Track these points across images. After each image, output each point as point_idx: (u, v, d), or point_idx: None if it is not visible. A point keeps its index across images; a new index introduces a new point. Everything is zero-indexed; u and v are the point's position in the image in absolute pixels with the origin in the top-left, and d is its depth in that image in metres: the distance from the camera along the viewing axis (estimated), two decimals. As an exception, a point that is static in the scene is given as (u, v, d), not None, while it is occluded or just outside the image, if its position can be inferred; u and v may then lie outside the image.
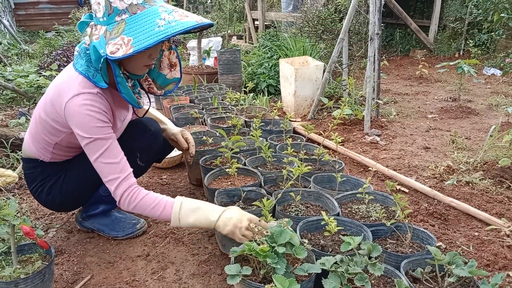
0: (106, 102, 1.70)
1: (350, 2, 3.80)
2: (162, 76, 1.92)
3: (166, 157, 2.82)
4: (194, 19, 1.55)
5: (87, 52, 1.66)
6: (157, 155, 2.25)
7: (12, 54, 7.83)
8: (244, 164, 2.33)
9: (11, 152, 2.96)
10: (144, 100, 1.94)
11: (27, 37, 12.16)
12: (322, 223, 1.63)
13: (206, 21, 1.56)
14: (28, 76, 4.94)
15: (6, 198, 2.43)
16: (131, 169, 1.72)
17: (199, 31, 1.81)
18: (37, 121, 1.82)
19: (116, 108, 1.84)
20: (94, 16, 1.59)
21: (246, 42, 9.43)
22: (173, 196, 2.50)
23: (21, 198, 2.52)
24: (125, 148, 1.77)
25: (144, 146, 2.02)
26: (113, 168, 1.66)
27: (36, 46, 9.19)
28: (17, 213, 2.23)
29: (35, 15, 13.72)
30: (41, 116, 1.78)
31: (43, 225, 2.22)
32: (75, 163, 1.95)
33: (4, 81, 4.68)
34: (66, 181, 1.95)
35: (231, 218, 1.59)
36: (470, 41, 6.88)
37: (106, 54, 1.50)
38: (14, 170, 2.77)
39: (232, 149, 2.25)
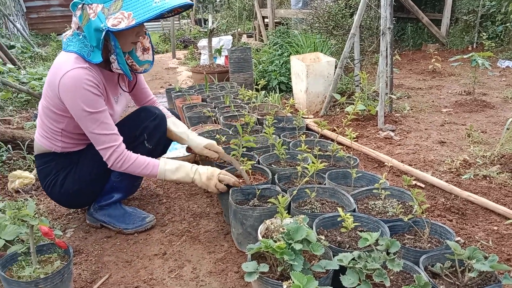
0: (96, 75, 1.83)
1: (361, -4, 3.77)
2: (135, 56, 2.07)
3: (179, 156, 2.84)
4: None
5: (79, 36, 1.83)
6: (163, 138, 2.23)
7: (25, 57, 7.94)
8: (258, 162, 2.32)
9: (27, 153, 3.00)
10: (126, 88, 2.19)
11: (40, 40, 12.31)
12: (339, 219, 1.61)
13: (190, 2, 1.87)
14: (42, 78, 5.00)
15: (24, 200, 2.46)
16: (122, 137, 1.92)
17: (179, 13, 2.07)
18: (41, 111, 1.95)
19: (107, 85, 1.97)
20: None
21: (256, 40, 9.42)
22: (189, 195, 2.51)
23: (38, 199, 2.55)
24: (132, 131, 2.02)
25: (150, 129, 2.10)
26: (107, 138, 1.86)
27: (48, 48, 9.31)
28: (35, 214, 2.26)
29: (47, 18, 13.88)
30: (43, 104, 1.92)
31: (61, 226, 2.24)
32: (88, 151, 2.04)
33: (19, 84, 4.74)
34: (79, 169, 2.04)
35: (204, 173, 1.98)
36: (483, 33, 6.78)
37: (108, 27, 1.69)
38: (30, 171, 2.80)
39: (243, 147, 2.24)
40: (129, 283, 1.77)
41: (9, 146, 3.05)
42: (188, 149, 2.33)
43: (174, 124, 2.28)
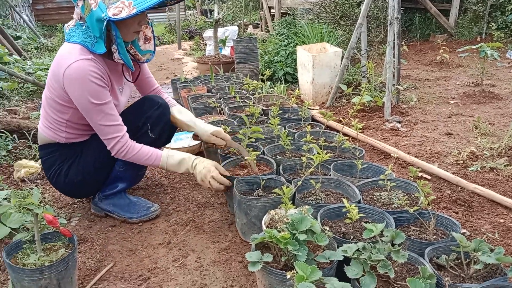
0: (101, 67, 1.82)
1: (369, -14, 3.72)
2: (137, 46, 2.05)
3: (183, 147, 2.83)
4: None
5: (82, 27, 1.80)
6: (167, 127, 2.20)
7: (32, 48, 7.96)
8: (263, 153, 2.31)
9: (33, 143, 3.01)
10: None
11: (46, 31, 12.33)
12: (343, 210, 1.60)
13: None
14: (47, 69, 5.01)
15: (30, 188, 2.47)
16: (125, 127, 1.92)
17: (181, 0, 2.01)
18: (45, 102, 1.94)
19: (112, 75, 1.96)
20: None
21: (262, 31, 9.36)
22: (193, 185, 2.51)
23: (43, 188, 2.56)
24: (136, 121, 2.02)
25: (153, 118, 2.09)
26: (112, 129, 1.87)
27: (55, 39, 9.31)
28: (40, 202, 2.27)
29: (53, 9, 13.89)
30: (47, 95, 1.91)
31: (66, 214, 2.25)
32: (91, 141, 2.04)
33: (25, 74, 4.75)
34: (83, 160, 2.04)
35: (200, 172, 1.96)
36: (492, 24, 6.68)
37: (109, 17, 1.67)
38: (36, 161, 2.81)
39: (249, 137, 2.23)
40: (134, 272, 1.78)
41: (15, 135, 3.07)
42: (195, 136, 2.31)
43: (180, 112, 2.26)
